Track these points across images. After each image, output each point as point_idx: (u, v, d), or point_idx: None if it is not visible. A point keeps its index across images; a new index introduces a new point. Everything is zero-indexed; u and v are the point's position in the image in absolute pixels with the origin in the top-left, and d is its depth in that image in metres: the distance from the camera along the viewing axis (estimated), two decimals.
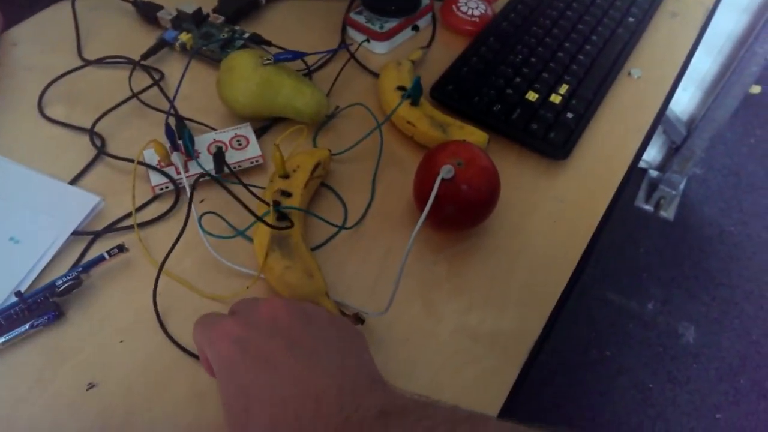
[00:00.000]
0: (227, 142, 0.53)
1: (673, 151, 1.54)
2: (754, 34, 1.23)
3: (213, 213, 0.48)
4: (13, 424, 0.39)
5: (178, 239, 0.44)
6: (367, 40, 0.65)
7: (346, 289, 0.47)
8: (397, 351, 0.44)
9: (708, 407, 1.25)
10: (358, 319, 0.43)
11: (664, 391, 1.27)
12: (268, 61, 0.54)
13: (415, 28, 0.67)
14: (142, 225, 0.49)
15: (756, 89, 1.90)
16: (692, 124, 1.49)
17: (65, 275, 0.44)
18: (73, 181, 0.51)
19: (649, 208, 1.60)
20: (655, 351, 1.32)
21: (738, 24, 1.30)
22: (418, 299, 0.46)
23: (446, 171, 0.44)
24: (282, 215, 0.47)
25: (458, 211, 0.47)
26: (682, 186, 1.60)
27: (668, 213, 1.60)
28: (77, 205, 0.48)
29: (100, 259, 0.45)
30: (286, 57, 0.55)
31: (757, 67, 1.24)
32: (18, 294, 0.43)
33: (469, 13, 0.67)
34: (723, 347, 1.34)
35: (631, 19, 0.68)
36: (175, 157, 0.50)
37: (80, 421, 0.39)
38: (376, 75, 0.62)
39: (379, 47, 0.65)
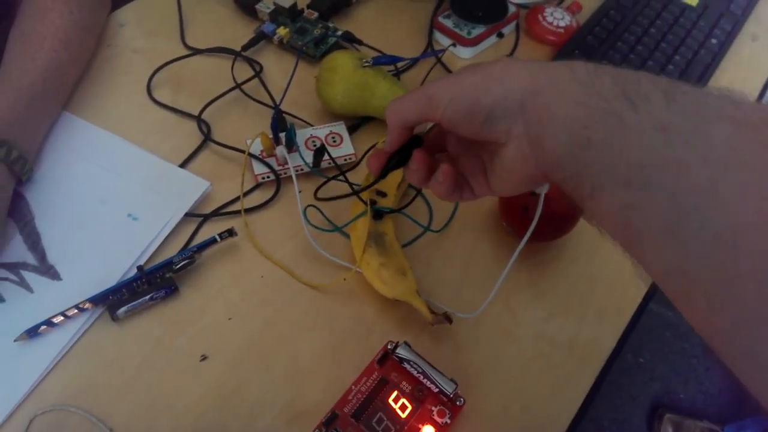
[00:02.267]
0: (323, 138, 0.57)
1: None
2: None
3: (315, 207, 0.51)
4: (137, 384, 0.43)
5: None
6: (454, 45, 0.67)
7: (432, 288, 0.50)
8: (481, 350, 0.47)
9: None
10: (447, 318, 0.46)
11: (696, 402, 1.29)
12: (367, 63, 0.56)
13: (500, 35, 0.69)
14: (247, 211, 0.52)
15: None
16: None
17: (181, 254, 0.48)
18: (183, 164, 0.55)
19: None
20: (690, 362, 1.34)
21: None
22: (501, 303, 0.49)
23: (542, 187, 0.47)
24: (377, 214, 0.50)
25: (546, 223, 0.49)
26: None
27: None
28: (189, 188, 0.52)
29: (212, 241, 0.49)
30: (384, 61, 0.57)
31: None
32: (139, 268, 0.47)
33: (555, 23, 0.69)
34: None
35: (713, 41, 0.69)
36: (280, 150, 0.53)
37: (196, 388, 0.43)
38: None
39: (464, 52, 0.67)
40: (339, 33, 0.65)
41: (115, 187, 0.52)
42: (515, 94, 0.30)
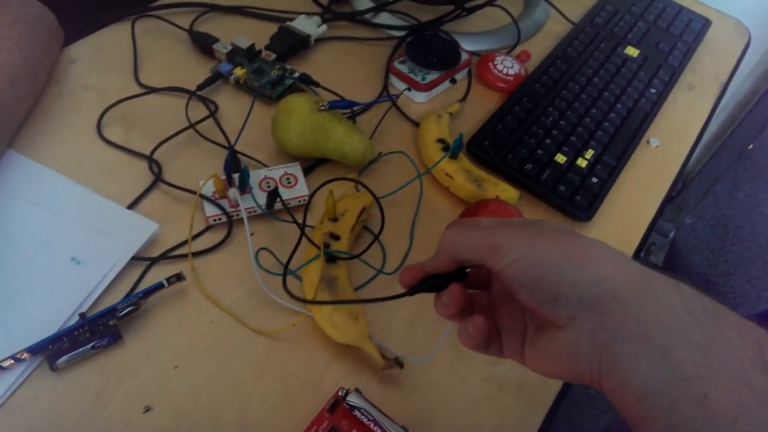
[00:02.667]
0: (278, 180, 0.57)
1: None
2: (755, 99, 1.30)
3: (267, 249, 0.51)
4: None
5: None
6: (409, 89, 0.69)
7: (385, 332, 0.50)
8: (433, 394, 0.47)
9: None
10: (398, 363, 0.46)
11: None
12: (323, 107, 0.57)
13: (453, 81, 0.71)
14: (196, 254, 0.52)
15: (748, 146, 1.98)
16: (688, 177, 1.55)
17: (126, 300, 0.47)
18: (131, 206, 0.54)
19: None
20: None
21: (741, 88, 1.37)
22: (452, 346, 0.50)
23: None
24: (330, 257, 0.50)
25: None
26: (672, 234, 1.67)
27: (657, 259, 1.66)
28: (136, 230, 0.51)
29: (159, 286, 0.47)
30: (340, 105, 0.58)
31: (755, 130, 1.31)
32: (81, 316, 0.45)
33: (504, 71, 0.71)
34: None
35: (652, 90, 0.73)
36: (233, 192, 0.53)
37: None
38: (415, 123, 0.66)
39: (418, 96, 0.69)
40: (296, 75, 0.66)
41: (58, 229, 0.50)
42: (594, 287, 0.26)
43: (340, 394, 0.44)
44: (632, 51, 0.77)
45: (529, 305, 0.29)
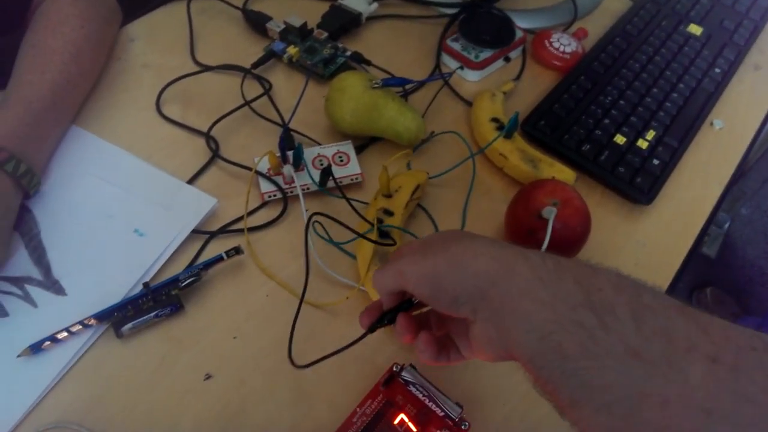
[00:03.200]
0: (330, 158, 0.57)
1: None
2: None
3: (320, 223, 0.51)
4: (140, 403, 0.43)
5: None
6: (461, 67, 0.68)
7: None
8: (487, 372, 0.46)
9: None
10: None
11: None
12: (376, 85, 0.57)
13: (507, 59, 0.70)
14: (252, 229, 0.52)
15: None
16: (746, 165, 1.49)
17: (187, 271, 0.48)
18: (191, 181, 0.55)
19: None
20: None
21: None
22: None
23: (550, 212, 0.47)
24: (383, 232, 0.50)
25: (552, 247, 0.49)
26: (726, 225, 1.60)
27: (710, 250, 1.60)
28: (196, 204, 0.52)
29: (219, 258, 0.48)
30: (393, 83, 0.58)
31: None
32: (145, 285, 0.47)
33: (561, 49, 0.69)
34: None
35: (717, 70, 0.70)
36: (287, 169, 0.53)
37: (200, 407, 0.43)
38: (467, 102, 0.65)
39: (471, 75, 0.68)
40: (348, 53, 0.66)
41: (122, 202, 0.52)
42: (475, 281, 0.31)
43: (395, 369, 0.44)
44: (695, 29, 0.74)
45: (444, 312, 0.33)
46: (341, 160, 0.57)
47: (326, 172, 0.54)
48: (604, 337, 0.26)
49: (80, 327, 0.44)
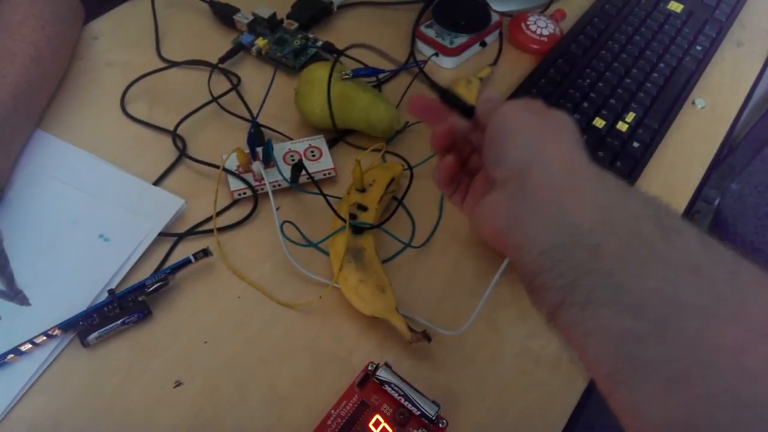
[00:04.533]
0: (302, 152, 0.55)
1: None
2: None
3: (291, 222, 0.50)
4: (109, 413, 0.42)
5: None
6: (436, 54, 0.66)
7: (414, 305, 0.48)
8: (465, 369, 0.46)
9: None
10: (426, 336, 0.45)
11: None
12: (346, 76, 0.55)
13: (483, 44, 0.68)
14: (222, 229, 0.51)
15: None
16: (735, 140, 1.48)
17: (154, 276, 0.46)
18: (157, 182, 0.53)
19: None
20: None
21: None
22: (484, 320, 0.48)
23: None
24: (357, 229, 0.49)
25: None
26: (716, 201, 1.60)
27: (701, 226, 1.60)
28: (163, 206, 0.51)
29: (187, 262, 0.47)
30: (364, 72, 0.56)
31: None
32: (111, 292, 0.45)
33: (538, 32, 0.68)
34: None
35: (698, 48, 0.68)
36: (257, 166, 0.52)
37: (171, 416, 0.42)
38: None
39: (447, 62, 0.66)
40: (319, 43, 0.64)
41: (86, 206, 0.50)
42: (530, 157, 0.29)
43: (369, 368, 0.43)
44: (675, 6, 0.72)
45: (485, 160, 0.33)
46: (313, 155, 0.55)
47: (298, 168, 0.52)
48: (664, 249, 0.24)
49: (45, 338, 0.43)
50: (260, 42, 0.63)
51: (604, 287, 0.25)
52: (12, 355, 0.42)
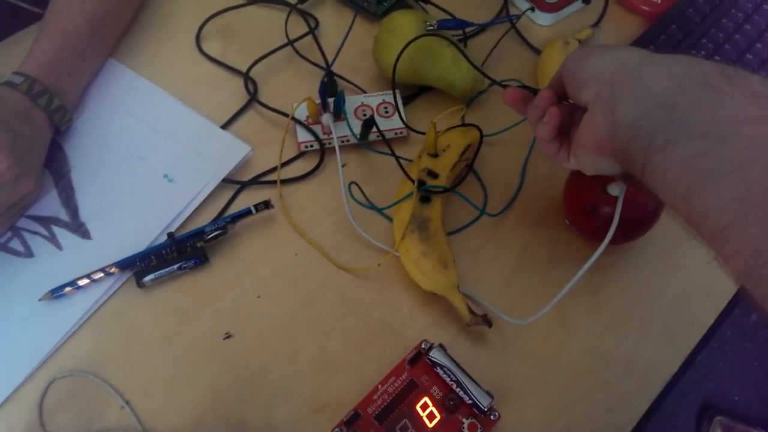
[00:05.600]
0: (375, 108, 0.52)
1: None
2: None
3: (356, 183, 0.47)
4: (157, 358, 0.42)
5: None
6: (532, 9, 0.60)
7: (477, 282, 0.45)
8: (525, 360, 0.42)
9: None
10: (486, 321, 0.42)
11: (751, 407, 1.21)
12: (431, 27, 0.51)
13: (586, 1, 0.61)
14: (285, 182, 0.49)
15: None
16: None
17: (214, 223, 0.45)
18: (226, 125, 0.52)
19: None
20: (750, 364, 1.25)
21: None
22: (552, 310, 0.44)
23: (619, 189, 0.41)
24: (424, 197, 0.46)
25: (618, 226, 0.43)
26: None
27: None
28: (229, 151, 0.49)
29: (247, 212, 0.46)
30: (450, 25, 0.52)
31: None
32: (170, 235, 0.45)
33: None
34: None
35: None
36: (326, 118, 0.49)
37: (217, 367, 0.41)
38: (536, 50, 0.58)
39: (543, 18, 0.60)
40: None
41: (154, 144, 0.50)
42: (613, 64, 0.33)
43: (423, 347, 0.40)
44: None
45: (572, 96, 0.36)
46: (386, 112, 0.52)
47: (368, 124, 0.49)
48: (727, 87, 0.28)
49: (102, 275, 0.43)
50: None
51: (679, 130, 0.28)
52: (69, 288, 0.42)
